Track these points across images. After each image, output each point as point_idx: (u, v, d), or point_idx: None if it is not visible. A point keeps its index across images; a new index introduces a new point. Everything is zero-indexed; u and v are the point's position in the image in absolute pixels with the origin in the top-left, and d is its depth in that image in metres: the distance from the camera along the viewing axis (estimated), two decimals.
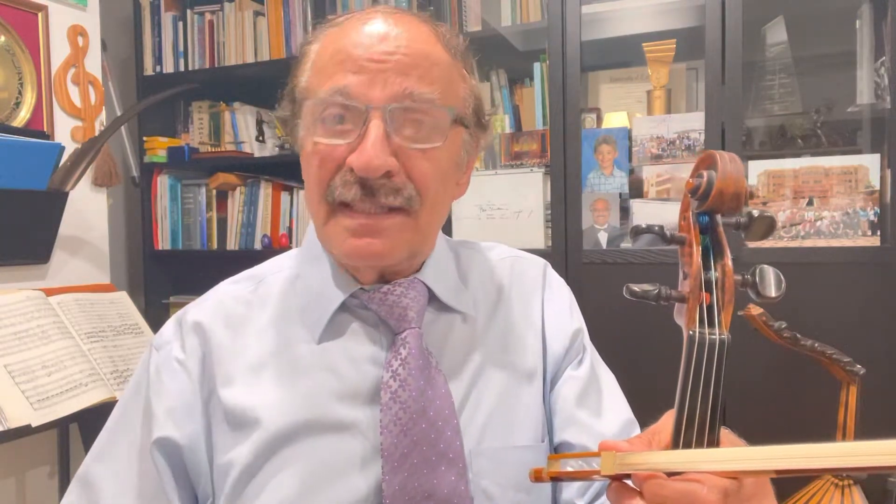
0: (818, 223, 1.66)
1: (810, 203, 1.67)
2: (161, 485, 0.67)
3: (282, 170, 2.34)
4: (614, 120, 1.95)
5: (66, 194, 1.63)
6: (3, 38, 1.61)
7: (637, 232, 0.49)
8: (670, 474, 0.44)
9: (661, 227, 0.48)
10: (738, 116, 1.70)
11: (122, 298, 1.72)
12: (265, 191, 2.36)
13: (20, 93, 1.65)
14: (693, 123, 1.79)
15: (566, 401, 0.72)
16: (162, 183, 2.47)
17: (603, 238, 1.86)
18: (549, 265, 0.82)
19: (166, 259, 2.51)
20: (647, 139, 1.84)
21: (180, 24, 2.43)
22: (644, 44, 1.89)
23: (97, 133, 1.77)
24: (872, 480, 1.40)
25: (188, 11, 2.42)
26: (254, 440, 0.64)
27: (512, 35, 2.07)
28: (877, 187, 1.61)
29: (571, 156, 1.84)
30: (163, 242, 2.49)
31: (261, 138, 2.42)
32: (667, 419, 0.49)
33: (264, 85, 2.16)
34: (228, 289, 0.75)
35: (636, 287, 0.46)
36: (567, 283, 0.82)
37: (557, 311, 0.77)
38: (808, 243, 1.66)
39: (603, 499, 0.68)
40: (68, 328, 1.50)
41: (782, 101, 1.90)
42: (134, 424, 0.70)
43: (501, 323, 0.74)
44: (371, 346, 0.68)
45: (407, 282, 0.69)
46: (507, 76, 2.11)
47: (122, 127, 2.09)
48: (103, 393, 1.43)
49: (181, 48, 2.43)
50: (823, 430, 1.44)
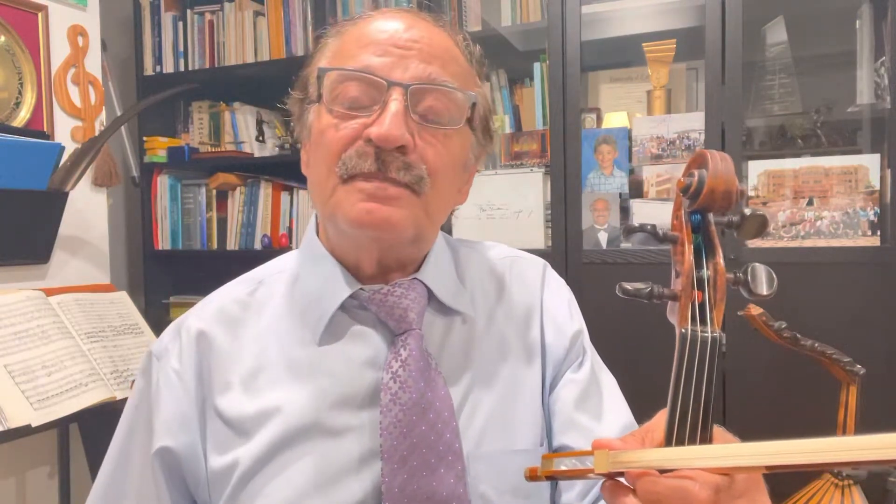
0: (818, 223, 1.66)
1: (810, 203, 1.67)
2: (157, 495, 0.67)
3: (282, 170, 2.34)
4: (614, 120, 1.95)
5: (66, 194, 1.63)
6: (3, 38, 1.61)
7: (629, 231, 0.49)
8: (663, 471, 0.44)
9: (654, 226, 0.48)
10: (738, 116, 1.70)
11: (122, 298, 1.72)
12: (265, 191, 2.36)
13: (20, 93, 1.65)
14: (693, 123, 1.79)
15: (565, 404, 0.71)
16: (162, 183, 2.47)
17: (603, 238, 1.86)
18: (549, 265, 0.81)
19: (166, 259, 2.51)
20: (647, 139, 1.84)
21: (180, 24, 2.43)
22: (644, 44, 1.89)
23: (97, 133, 1.77)
24: (872, 480, 1.40)
25: (188, 11, 2.42)
26: (253, 445, 0.64)
27: (512, 35, 2.07)
28: (877, 187, 1.61)
29: (571, 156, 1.84)
30: (163, 242, 2.49)
31: (261, 138, 2.42)
32: (660, 417, 0.49)
33: (264, 85, 2.17)
34: (227, 292, 0.74)
35: (629, 286, 0.47)
36: (567, 283, 0.82)
37: (557, 312, 0.76)
38: (808, 243, 1.66)
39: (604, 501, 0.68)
40: (68, 328, 1.50)
41: (782, 101, 1.90)
42: (136, 438, 0.70)
43: (501, 324, 0.74)
44: (371, 348, 0.68)
45: (407, 282, 0.69)
46: (507, 76, 2.11)
47: (122, 127, 2.09)
48: (103, 393, 1.43)
49: (181, 48, 2.43)
50: (823, 430, 1.43)
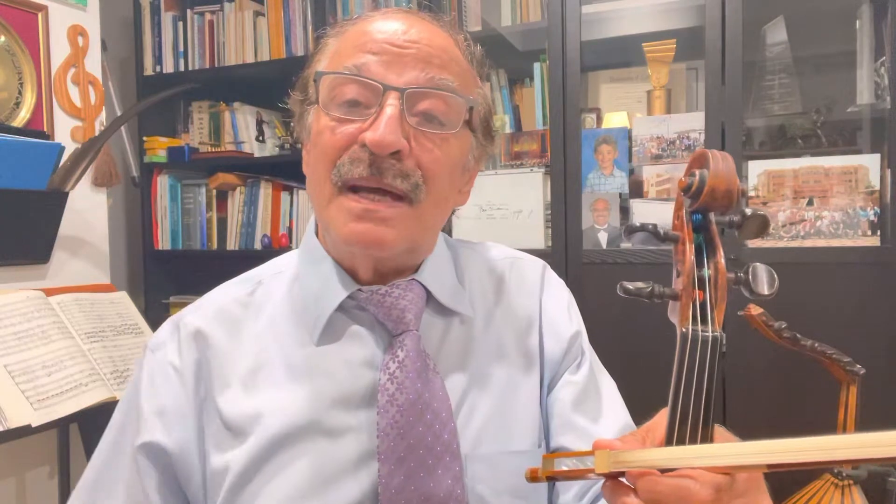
0: (818, 223, 1.66)
1: (810, 203, 1.67)
2: (143, 487, 0.66)
3: (282, 170, 2.34)
4: (614, 120, 1.95)
5: (66, 194, 1.63)
6: (3, 38, 1.61)
7: (630, 230, 0.49)
8: (664, 471, 0.44)
9: (655, 226, 0.48)
10: (738, 116, 1.69)
11: (122, 298, 1.72)
12: (265, 191, 2.36)
13: (20, 93, 1.65)
14: (693, 123, 1.78)
15: (563, 405, 0.71)
16: (162, 183, 2.47)
17: (603, 238, 1.85)
18: (549, 266, 0.81)
19: (166, 259, 2.51)
20: (647, 139, 1.84)
21: (180, 24, 2.43)
22: (644, 44, 1.89)
23: (97, 133, 1.77)
24: (872, 480, 1.40)
25: (188, 11, 2.42)
26: (250, 445, 0.64)
27: (512, 35, 2.07)
28: (877, 187, 1.61)
29: (571, 156, 1.84)
30: (163, 242, 2.49)
31: (261, 138, 2.42)
32: (660, 417, 0.49)
33: (264, 85, 2.17)
34: (227, 291, 0.74)
35: (630, 285, 0.46)
36: (567, 283, 0.82)
37: (556, 314, 0.76)
38: (808, 243, 1.66)
39: (603, 501, 0.68)
40: (68, 328, 1.50)
41: (782, 101, 1.90)
42: (126, 430, 0.69)
43: (499, 325, 0.74)
44: (368, 349, 0.68)
45: (405, 283, 0.68)
46: (507, 76, 2.11)
47: (122, 127, 2.09)
48: (103, 393, 1.43)
49: (181, 48, 2.43)
50: (823, 430, 1.42)
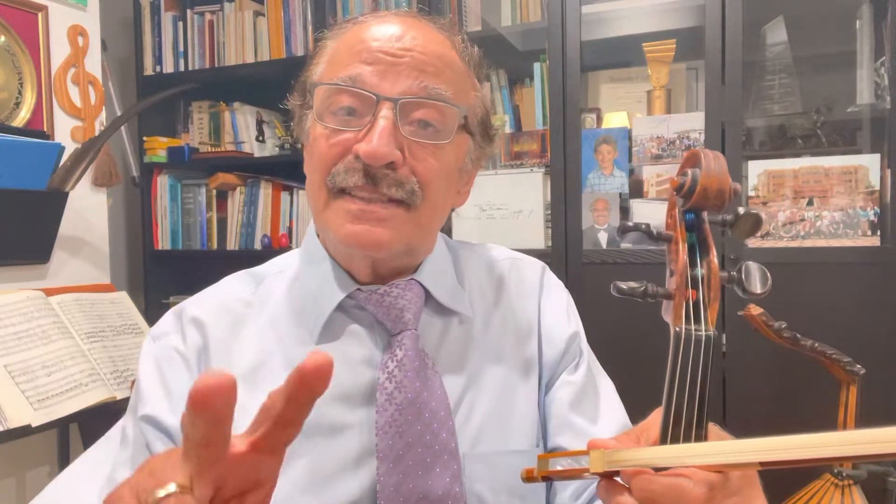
0: (818, 223, 1.66)
1: (810, 203, 1.67)
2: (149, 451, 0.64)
3: (282, 170, 2.34)
4: (614, 120, 1.95)
5: (66, 194, 1.63)
6: (3, 38, 1.61)
7: (624, 230, 0.49)
8: (658, 470, 0.44)
9: (648, 225, 0.48)
10: (738, 116, 1.69)
11: (122, 298, 1.72)
12: (265, 191, 2.36)
13: (20, 93, 1.65)
14: (693, 123, 1.78)
15: (561, 405, 0.71)
16: (162, 183, 2.47)
17: (603, 238, 1.85)
18: (548, 267, 0.82)
19: (166, 259, 2.51)
20: (647, 139, 1.84)
21: (180, 24, 2.43)
22: (644, 44, 1.89)
23: (97, 133, 1.77)
24: (872, 480, 1.40)
25: (188, 11, 2.42)
26: None
27: (512, 35, 2.07)
28: (877, 187, 1.61)
29: (571, 156, 1.84)
30: (163, 242, 2.49)
31: (261, 138, 2.42)
32: (655, 416, 0.49)
33: (264, 85, 2.17)
34: (229, 288, 0.74)
35: (623, 285, 0.47)
36: (567, 284, 0.82)
37: (554, 315, 0.76)
38: (808, 243, 1.66)
39: (599, 501, 0.68)
40: (68, 328, 1.50)
41: (782, 101, 1.90)
42: (134, 412, 0.68)
43: (498, 325, 0.74)
44: (367, 348, 0.68)
45: (404, 283, 0.69)
46: (507, 76, 2.11)
47: (122, 127, 2.09)
48: (103, 393, 1.43)
49: (181, 48, 2.43)
50: (823, 430, 1.43)
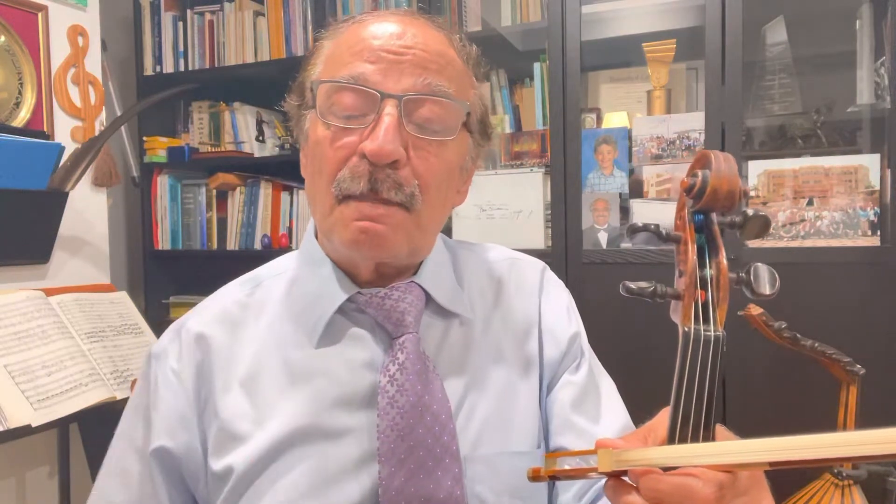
0: (818, 223, 1.66)
1: (810, 203, 1.67)
2: (154, 492, 0.67)
3: (282, 170, 2.34)
4: (614, 120, 1.95)
5: (66, 194, 1.63)
6: (3, 38, 1.61)
7: (634, 230, 0.49)
8: (666, 469, 0.44)
9: (657, 226, 0.49)
10: (738, 116, 1.69)
11: (122, 298, 1.72)
12: (265, 191, 2.36)
13: (20, 93, 1.65)
14: (693, 123, 1.79)
15: (563, 406, 0.71)
16: (162, 183, 2.47)
17: (603, 238, 1.86)
18: (548, 267, 0.81)
19: (166, 259, 2.51)
20: (647, 139, 1.84)
21: (180, 24, 2.43)
22: (644, 44, 1.89)
23: (97, 133, 1.77)
24: (872, 480, 1.40)
25: (188, 11, 2.42)
26: (251, 448, 0.64)
27: (512, 35, 2.07)
28: (877, 187, 1.61)
29: (571, 156, 1.84)
30: (163, 242, 2.49)
31: (261, 138, 2.42)
32: (662, 416, 0.49)
33: (264, 85, 2.17)
34: (226, 293, 0.74)
35: (633, 285, 0.47)
36: (567, 284, 0.82)
37: (555, 315, 0.76)
38: (808, 243, 1.66)
39: (602, 501, 0.67)
40: (68, 328, 1.50)
41: (782, 101, 1.90)
42: (135, 436, 0.70)
43: (499, 326, 0.74)
44: (368, 351, 0.68)
45: (404, 285, 0.68)
46: (507, 76, 2.11)
47: (122, 127, 2.09)
48: (103, 393, 1.43)
49: (181, 48, 2.43)
50: (823, 430, 1.43)
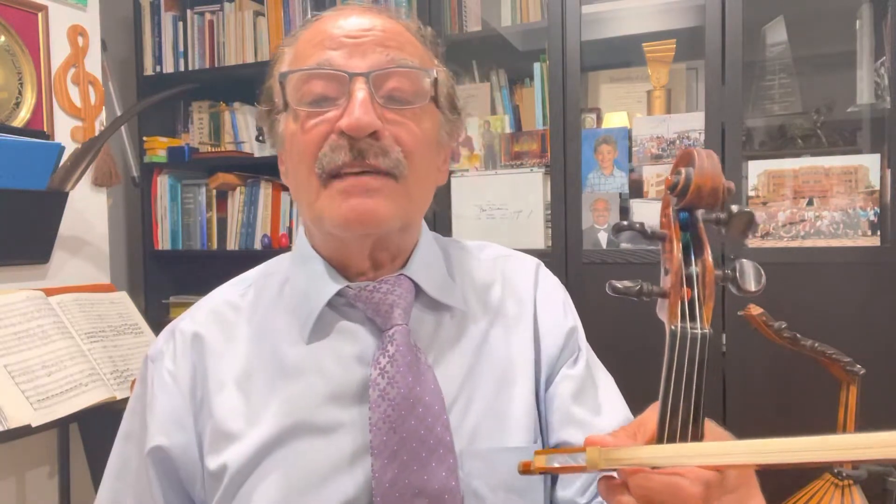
0: (818, 223, 1.66)
1: (810, 203, 1.67)
2: (151, 493, 0.68)
3: None
4: (614, 120, 1.95)
5: (66, 194, 1.63)
6: (3, 38, 1.61)
7: (619, 229, 0.49)
8: (654, 468, 0.44)
9: (642, 224, 0.49)
10: (738, 116, 1.69)
11: (122, 298, 1.72)
12: (265, 191, 2.36)
13: (20, 93, 1.65)
14: (693, 123, 1.78)
15: (563, 399, 0.71)
16: (162, 183, 2.47)
17: (603, 238, 1.86)
18: (542, 264, 0.81)
19: (166, 259, 2.51)
20: (647, 139, 1.84)
21: (180, 24, 2.43)
22: (644, 44, 1.89)
23: (97, 133, 1.77)
24: (872, 480, 1.40)
25: (188, 11, 2.42)
26: (245, 445, 0.65)
27: (512, 35, 2.07)
28: (877, 187, 1.61)
29: (571, 156, 1.84)
30: (163, 242, 2.49)
31: (261, 138, 2.41)
32: (651, 411, 0.49)
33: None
34: (220, 294, 0.75)
35: (618, 284, 0.47)
36: (567, 284, 0.82)
37: (551, 310, 0.76)
38: (808, 243, 1.66)
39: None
40: (68, 328, 1.50)
41: (782, 101, 1.90)
42: (132, 438, 0.72)
43: (493, 322, 0.74)
44: (359, 345, 0.68)
45: (393, 278, 0.69)
46: (507, 76, 2.11)
47: (122, 127, 2.09)
48: (103, 393, 1.43)
49: (181, 48, 2.43)
50: (823, 431, 1.43)
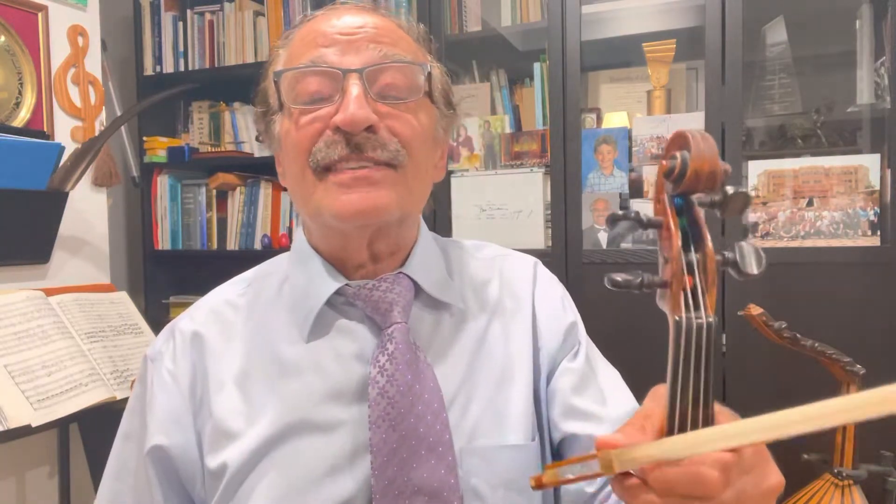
0: (818, 223, 1.66)
1: (810, 203, 1.67)
2: (150, 492, 0.68)
3: None
4: (614, 120, 1.95)
5: (66, 194, 1.63)
6: (3, 38, 1.61)
7: (614, 219, 0.47)
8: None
9: (637, 213, 0.47)
10: (738, 116, 1.69)
11: (122, 298, 1.72)
12: (265, 191, 2.36)
13: (20, 93, 1.65)
14: (693, 123, 1.78)
15: (564, 393, 0.71)
16: (162, 183, 2.47)
17: (603, 238, 1.85)
18: (540, 262, 0.81)
19: (166, 259, 2.51)
20: (647, 139, 1.84)
21: (180, 24, 2.43)
22: (644, 44, 1.89)
23: (97, 133, 1.77)
24: (872, 480, 1.40)
25: (188, 11, 2.42)
26: (244, 444, 0.65)
27: (512, 35, 2.07)
28: (877, 187, 1.61)
29: (571, 156, 1.84)
30: (163, 242, 2.49)
31: (261, 138, 2.41)
32: (652, 402, 0.48)
33: None
34: (219, 294, 0.75)
35: (618, 277, 0.45)
36: (567, 284, 0.81)
37: (550, 307, 0.76)
38: (808, 243, 1.66)
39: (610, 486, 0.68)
40: (68, 328, 1.50)
41: (782, 101, 1.90)
42: (132, 438, 0.72)
43: (492, 320, 0.73)
44: (358, 343, 0.68)
45: (392, 277, 0.69)
46: (507, 76, 2.11)
47: (122, 127, 2.09)
48: (103, 393, 1.43)
49: (181, 48, 2.43)
50: (823, 430, 1.43)
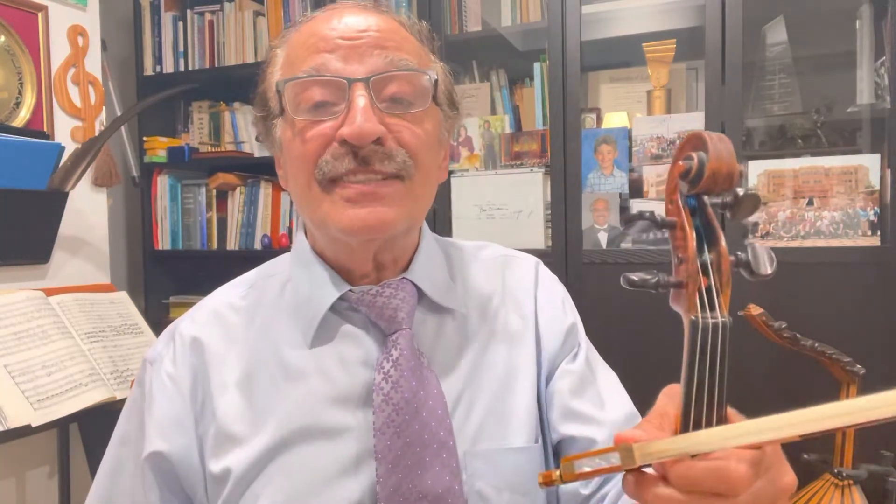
0: (818, 223, 1.66)
1: (810, 203, 1.67)
2: (146, 497, 0.67)
3: None
4: (614, 120, 1.95)
5: (66, 194, 1.63)
6: (3, 38, 1.61)
7: (630, 219, 0.47)
8: (693, 456, 0.43)
9: (653, 213, 0.47)
10: (738, 116, 1.70)
11: (122, 298, 1.72)
12: (265, 191, 2.36)
13: (20, 93, 1.65)
14: (693, 123, 1.79)
15: (562, 395, 0.71)
16: (162, 183, 2.47)
17: (603, 238, 1.86)
18: (541, 263, 0.81)
19: (166, 259, 2.51)
20: (647, 139, 1.84)
21: (180, 24, 2.43)
22: (644, 44, 1.89)
23: (97, 133, 1.77)
24: (872, 480, 1.40)
25: (188, 11, 2.42)
26: (248, 450, 0.64)
27: (512, 35, 2.07)
28: (877, 187, 1.61)
29: (571, 156, 1.84)
30: (163, 242, 2.49)
31: (260, 139, 2.42)
32: (666, 401, 0.48)
33: None
34: (221, 296, 0.75)
35: (634, 276, 0.45)
36: (567, 284, 0.81)
37: (551, 308, 0.76)
38: (808, 243, 1.66)
39: (610, 485, 0.67)
40: (68, 328, 1.50)
41: (782, 101, 1.90)
42: (129, 441, 0.71)
43: (494, 321, 0.73)
44: (362, 349, 0.68)
45: (396, 282, 0.68)
46: (507, 76, 2.12)
47: (122, 127, 2.09)
48: (103, 393, 1.43)
49: (181, 48, 2.43)
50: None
